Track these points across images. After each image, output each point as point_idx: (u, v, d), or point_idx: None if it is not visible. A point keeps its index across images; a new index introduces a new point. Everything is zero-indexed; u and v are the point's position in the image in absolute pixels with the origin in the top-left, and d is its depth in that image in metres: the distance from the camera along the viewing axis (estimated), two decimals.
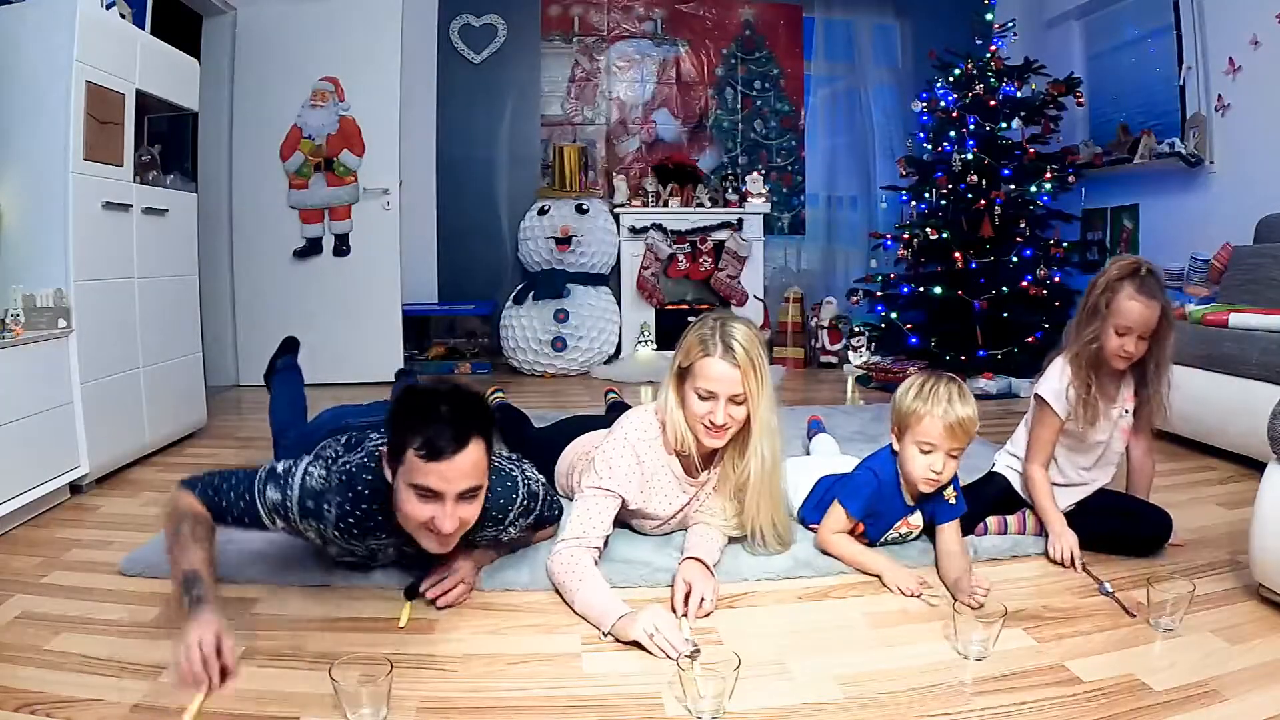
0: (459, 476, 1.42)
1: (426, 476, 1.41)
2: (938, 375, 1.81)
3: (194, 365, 3.15)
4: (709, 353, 1.71)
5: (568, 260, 4.83)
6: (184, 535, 1.43)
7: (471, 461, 1.43)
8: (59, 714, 1.26)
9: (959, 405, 1.73)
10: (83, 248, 2.44)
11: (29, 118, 2.39)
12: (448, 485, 1.41)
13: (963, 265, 4.25)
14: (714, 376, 1.70)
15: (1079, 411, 1.88)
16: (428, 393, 1.47)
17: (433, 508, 1.43)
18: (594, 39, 5.25)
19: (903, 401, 1.80)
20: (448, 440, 1.40)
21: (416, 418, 1.42)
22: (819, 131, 5.53)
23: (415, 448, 1.40)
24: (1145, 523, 1.94)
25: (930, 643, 1.53)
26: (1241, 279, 3.25)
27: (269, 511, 1.53)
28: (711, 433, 1.74)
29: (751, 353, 1.71)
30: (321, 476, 1.56)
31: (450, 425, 1.41)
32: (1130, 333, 1.81)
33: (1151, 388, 1.90)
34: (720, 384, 1.70)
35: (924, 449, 1.75)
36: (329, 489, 1.55)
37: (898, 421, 1.82)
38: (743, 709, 1.29)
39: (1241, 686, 1.35)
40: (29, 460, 2.18)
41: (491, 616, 1.63)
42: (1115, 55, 4.77)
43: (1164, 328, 1.83)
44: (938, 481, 1.77)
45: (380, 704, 1.24)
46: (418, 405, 1.45)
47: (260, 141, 4.25)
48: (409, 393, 1.50)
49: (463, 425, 1.42)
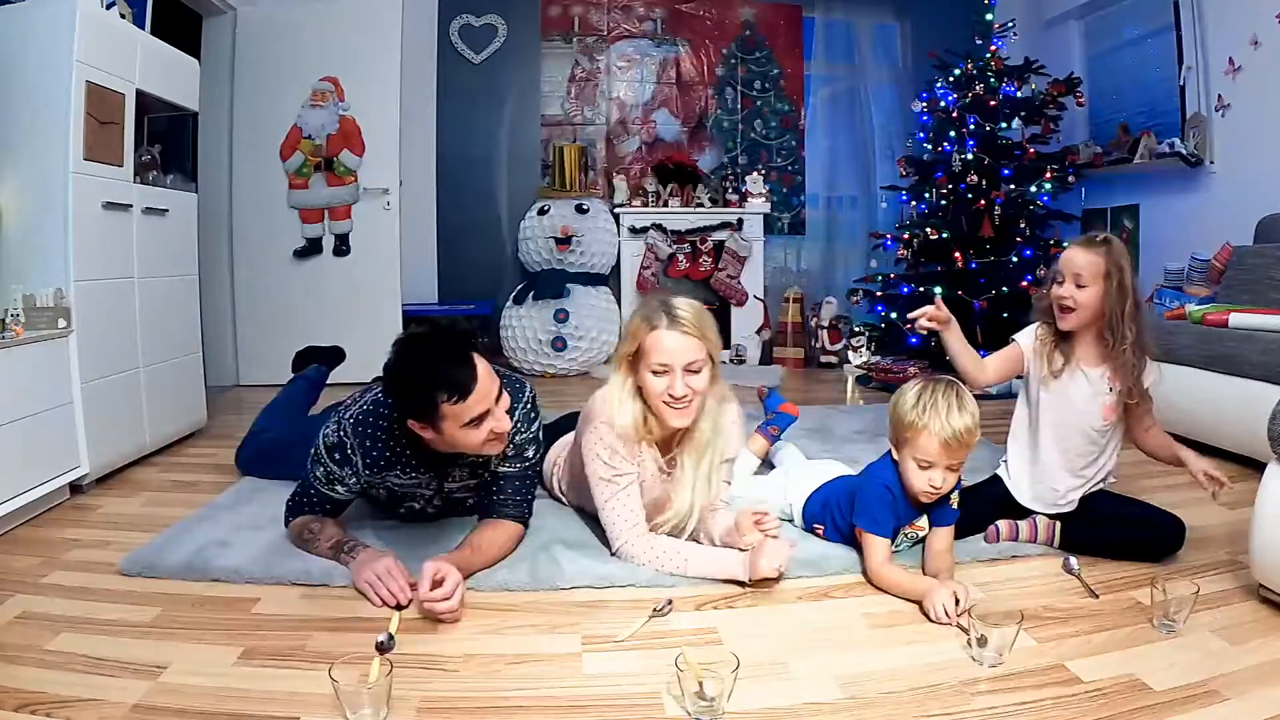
0: (489, 388, 1.63)
1: (470, 410, 1.59)
2: (935, 382, 1.76)
3: (194, 365, 3.15)
4: (656, 325, 1.73)
5: (568, 260, 4.83)
6: (312, 532, 1.82)
7: (486, 372, 1.63)
8: (59, 714, 1.26)
9: (956, 416, 1.69)
10: (83, 248, 2.44)
11: (29, 118, 2.38)
12: (488, 400, 1.62)
13: (963, 265, 4.26)
14: (666, 348, 1.72)
15: (1040, 353, 1.94)
16: (416, 356, 1.60)
17: (485, 424, 1.63)
18: (594, 39, 5.25)
19: (899, 412, 1.76)
20: (464, 375, 1.57)
21: (427, 382, 1.56)
22: (819, 131, 5.53)
23: (446, 400, 1.56)
24: (1157, 531, 1.90)
25: (930, 643, 1.53)
26: (1241, 279, 3.25)
27: (327, 484, 1.80)
28: (675, 405, 1.74)
29: (701, 322, 1.74)
30: (334, 431, 1.76)
31: (454, 361, 1.58)
32: (1068, 278, 1.86)
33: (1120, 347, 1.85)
34: (674, 355, 1.71)
35: (922, 465, 1.73)
36: (346, 437, 1.75)
37: (894, 431, 1.79)
38: (743, 709, 1.29)
39: (1241, 686, 1.34)
40: (29, 460, 2.18)
41: (491, 616, 1.63)
42: (1115, 55, 4.77)
43: (1111, 286, 1.83)
44: (937, 494, 1.76)
45: (380, 704, 1.24)
46: (418, 372, 1.58)
47: (260, 141, 4.25)
48: (400, 367, 1.60)
49: (460, 354, 1.59)
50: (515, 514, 1.89)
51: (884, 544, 1.77)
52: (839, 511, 1.95)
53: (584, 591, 1.74)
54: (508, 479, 1.87)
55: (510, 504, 1.88)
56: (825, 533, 2.00)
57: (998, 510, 2.01)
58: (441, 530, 2.00)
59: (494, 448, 1.72)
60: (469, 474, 1.90)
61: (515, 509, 1.89)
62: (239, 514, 2.16)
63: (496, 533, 1.84)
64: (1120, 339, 1.85)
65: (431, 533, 1.98)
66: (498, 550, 1.83)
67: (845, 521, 1.93)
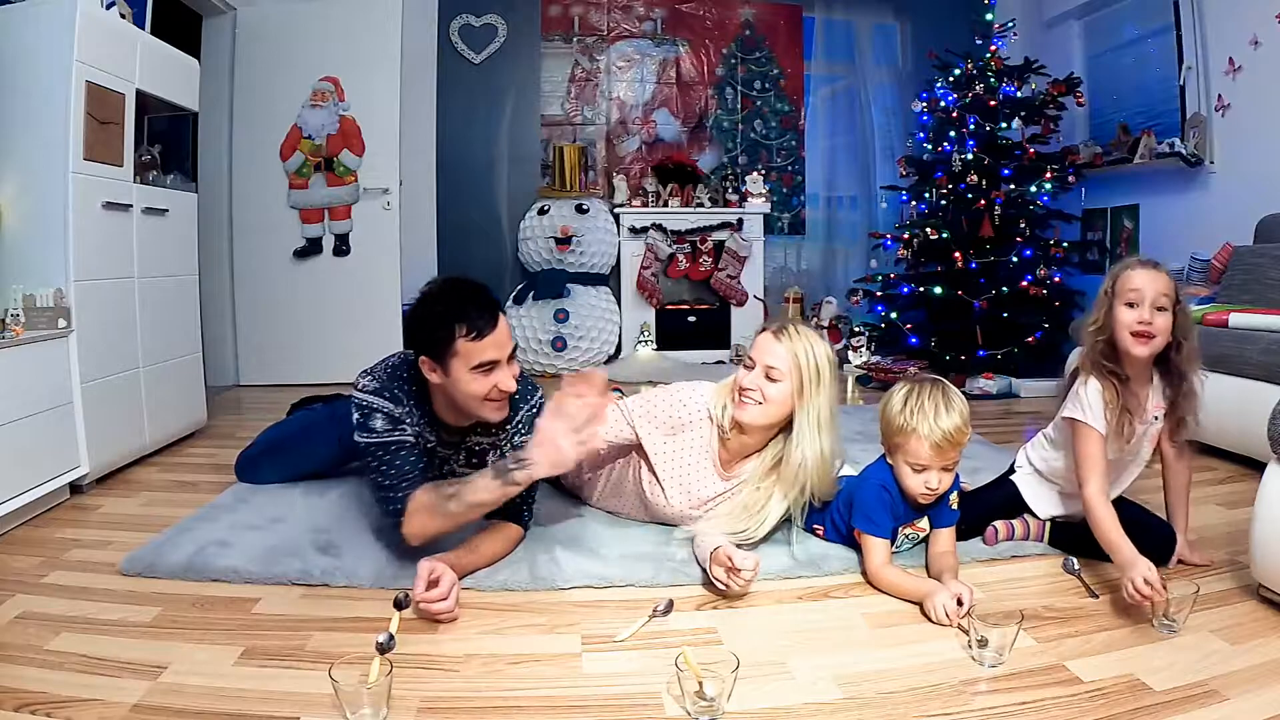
0: (505, 340, 1.68)
1: (484, 352, 1.63)
2: (922, 383, 1.75)
3: (194, 365, 3.15)
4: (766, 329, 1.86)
5: (568, 260, 4.83)
6: (434, 507, 1.65)
7: (506, 327, 1.69)
8: (59, 714, 1.26)
9: (944, 417, 1.68)
10: (83, 248, 2.44)
11: (29, 117, 2.38)
12: (502, 351, 1.66)
13: (963, 265, 4.25)
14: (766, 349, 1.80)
15: (1111, 424, 1.72)
16: (442, 294, 1.67)
17: (494, 376, 1.66)
18: (594, 39, 5.25)
19: (888, 417, 1.76)
20: (486, 318, 1.63)
21: (449, 314, 1.62)
22: (819, 131, 5.53)
23: (464, 335, 1.61)
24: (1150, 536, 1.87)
25: (930, 643, 1.53)
26: (1241, 279, 3.25)
27: (394, 429, 1.71)
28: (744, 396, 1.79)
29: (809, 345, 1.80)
30: (371, 379, 1.76)
31: (476, 304, 1.65)
32: (1142, 301, 1.67)
33: (1185, 382, 1.72)
34: (763, 354, 1.80)
35: (916, 469, 1.73)
36: (384, 384, 1.75)
37: (885, 437, 1.78)
38: (743, 709, 1.29)
39: (1241, 686, 1.34)
40: (29, 460, 2.18)
41: (491, 616, 1.63)
42: (1115, 55, 4.77)
43: (1182, 310, 1.71)
44: (935, 495, 1.76)
45: (380, 704, 1.24)
46: (441, 306, 1.65)
47: (260, 141, 4.25)
48: (425, 304, 1.68)
49: (485, 300, 1.67)
50: (516, 517, 1.89)
51: (883, 545, 1.77)
52: (838, 513, 1.95)
53: (584, 591, 1.74)
54: None
55: (512, 507, 1.88)
56: (825, 534, 2.00)
57: (996, 514, 2.00)
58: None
59: (494, 411, 1.72)
60: (464, 461, 1.90)
61: (516, 512, 1.89)
62: (239, 514, 2.16)
63: (495, 534, 1.84)
64: (1191, 365, 1.73)
65: None
66: (495, 551, 1.83)
67: (845, 522, 1.93)
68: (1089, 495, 1.71)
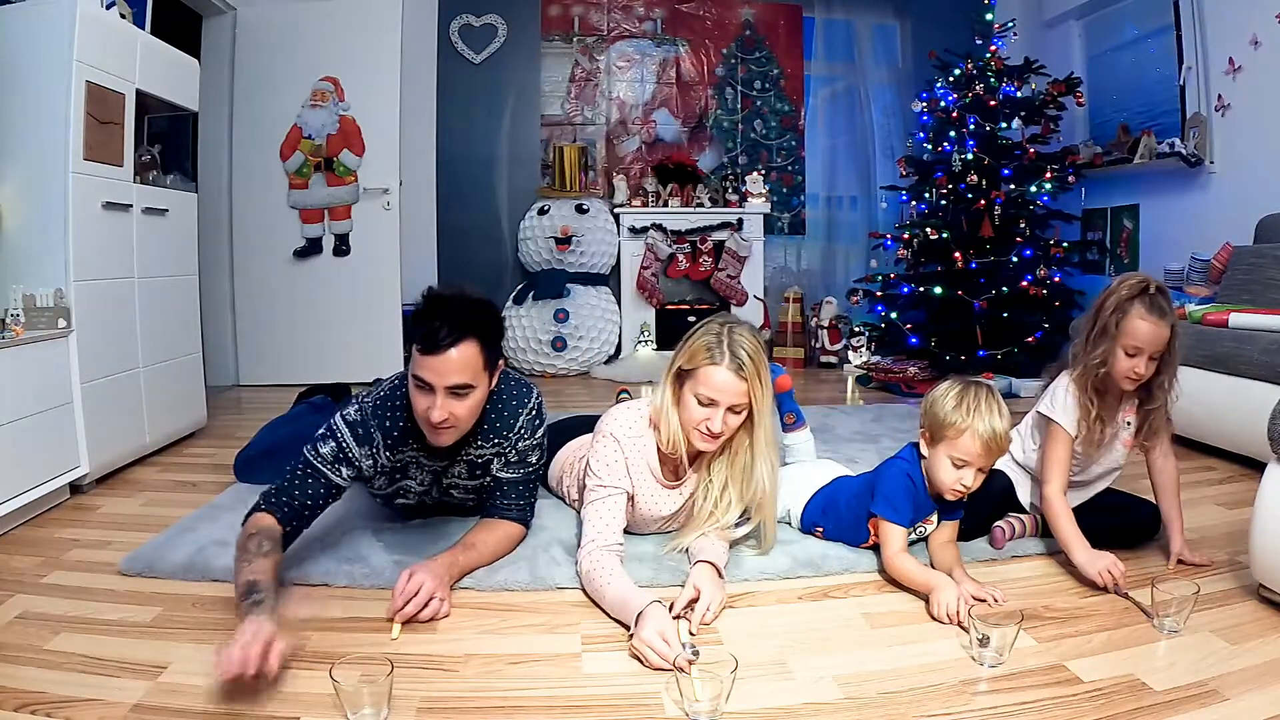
0: (449, 370, 1.55)
1: (420, 368, 1.55)
2: (976, 385, 1.77)
3: (194, 365, 3.15)
4: (715, 361, 1.68)
5: (568, 260, 4.83)
6: (250, 550, 1.53)
7: (463, 358, 1.55)
8: (59, 714, 1.26)
9: (997, 419, 1.71)
10: (83, 248, 2.44)
11: (29, 117, 2.38)
12: (438, 378, 1.55)
13: (963, 265, 4.25)
14: (718, 386, 1.68)
15: (1082, 432, 1.83)
16: (440, 295, 1.60)
17: (428, 398, 1.57)
18: (594, 39, 5.25)
19: (940, 409, 1.76)
20: (444, 335, 1.53)
21: (425, 316, 1.55)
22: (819, 131, 5.53)
23: (416, 342, 1.55)
24: (1129, 515, 1.97)
25: (930, 642, 1.53)
26: (1241, 279, 3.25)
27: (332, 465, 1.67)
28: (706, 438, 1.73)
29: (757, 363, 1.70)
30: (356, 410, 1.72)
31: (448, 323, 1.54)
32: (1141, 353, 1.76)
33: (1157, 402, 1.85)
34: (724, 394, 1.68)
35: (957, 464, 1.74)
36: (366, 416, 1.71)
37: (932, 428, 1.78)
38: (742, 709, 1.29)
39: (1241, 686, 1.35)
40: (29, 460, 2.18)
41: (491, 616, 1.63)
42: (1115, 55, 4.77)
43: (1172, 348, 1.80)
44: (963, 494, 1.77)
45: (381, 704, 1.24)
46: (429, 306, 1.57)
47: (260, 141, 4.25)
48: (428, 297, 1.61)
49: (460, 323, 1.55)
50: (517, 516, 1.89)
51: (901, 533, 1.79)
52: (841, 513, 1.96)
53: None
54: (510, 484, 1.87)
55: (513, 507, 1.88)
56: (825, 534, 2.00)
57: (1000, 509, 2.03)
58: (441, 531, 2.00)
59: (436, 436, 1.64)
60: (467, 473, 1.89)
61: (517, 511, 1.89)
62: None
63: (495, 532, 1.84)
64: (1167, 391, 1.84)
65: (431, 534, 1.98)
66: (495, 549, 1.83)
67: (848, 521, 1.93)
68: (1049, 494, 1.85)
